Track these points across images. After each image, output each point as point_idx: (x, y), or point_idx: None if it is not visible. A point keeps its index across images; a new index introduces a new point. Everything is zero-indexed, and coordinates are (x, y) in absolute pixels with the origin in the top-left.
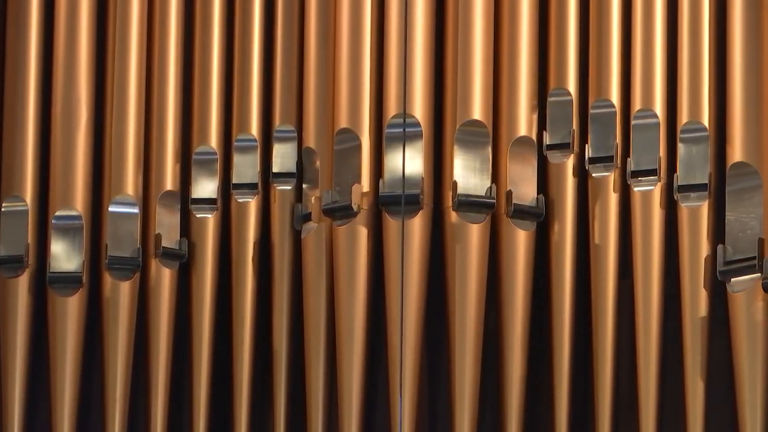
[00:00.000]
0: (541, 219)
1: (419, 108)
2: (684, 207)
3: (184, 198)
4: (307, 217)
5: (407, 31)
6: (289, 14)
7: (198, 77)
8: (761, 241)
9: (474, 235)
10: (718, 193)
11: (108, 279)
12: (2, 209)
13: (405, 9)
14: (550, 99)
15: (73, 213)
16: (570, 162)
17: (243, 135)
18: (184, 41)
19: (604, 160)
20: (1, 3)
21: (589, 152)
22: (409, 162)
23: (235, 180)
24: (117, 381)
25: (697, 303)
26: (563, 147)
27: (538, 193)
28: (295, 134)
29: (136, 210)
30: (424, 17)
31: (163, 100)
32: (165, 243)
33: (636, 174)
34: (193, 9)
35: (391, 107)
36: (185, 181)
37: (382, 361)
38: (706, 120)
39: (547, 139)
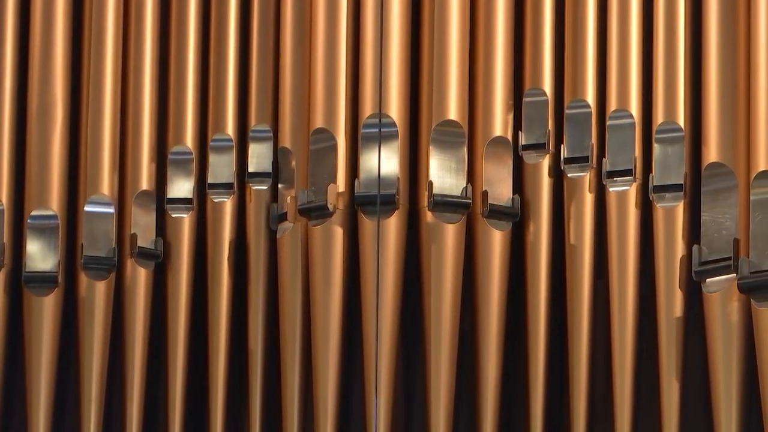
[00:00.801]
0: (517, 219)
1: (395, 108)
2: (659, 207)
3: (159, 198)
4: (282, 217)
5: (383, 31)
6: (264, 14)
7: (174, 77)
8: (736, 242)
9: (449, 235)
10: (693, 193)
11: (84, 279)
12: None
13: (381, 9)
14: (525, 99)
15: (49, 213)
16: (545, 162)
17: (219, 135)
18: (159, 41)
19: (580, 161)
20: None
21: (564, 152)
22: (385, 162)
23: (210, 180)
24: (92, 380)
25: (672, 303)
26: (539, 147)
27: (513, 193)
28: (271, 134)
29: (111, 210)
30: (399, 17)
31: (138, 100)
32: (141, 243)
33: (611, 174)
34: (169, 8)
35: (367, 107)
36: (161, 180)
37: (358, 360)
38: (681, 120)
39: (522, 140)
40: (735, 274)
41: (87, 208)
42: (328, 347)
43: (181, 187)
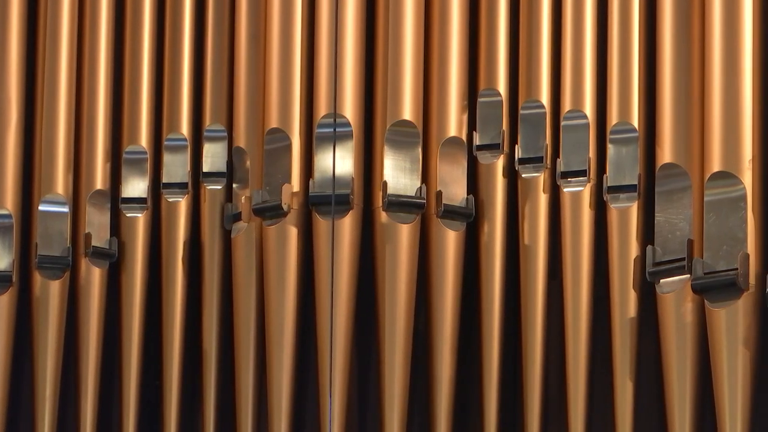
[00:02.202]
0: (471, 219)
1: (349, 108)
2: (613, 208)
3: (114, 197)
4: (237, 217)
5: (338, 31)
6: (219, 14)
7: (128, 76)
8: (690, 242)
9: (404, 235)
10: (647, 194)
11: (38, 278)
12: None
13: (335, 9)
14: (480, 99)
15: (3, 212)
16: (500, 162)
17: (173, 134)
18: (114, 40)
19: (534, 161)
20: None
21: (518, 153)
22: (340, 162)
23: (165, 179)
24: (46, 380)
25: (626, 304)
26: (493, 147)
27: (467, 194)
28: (226, 134)
29: (66, 209)
30: (354, 17)
31: (93, 100)
32: (95, 242)
33: (565, 175)
34: (124, 8)
35: (322, 107)
36: (115, 180)
37: (312, 360)
38: (635, 121)
39: (477, 140)
40: (689, 275)
41: (41, 208)
42: (282, 347)
43: (136, 186)
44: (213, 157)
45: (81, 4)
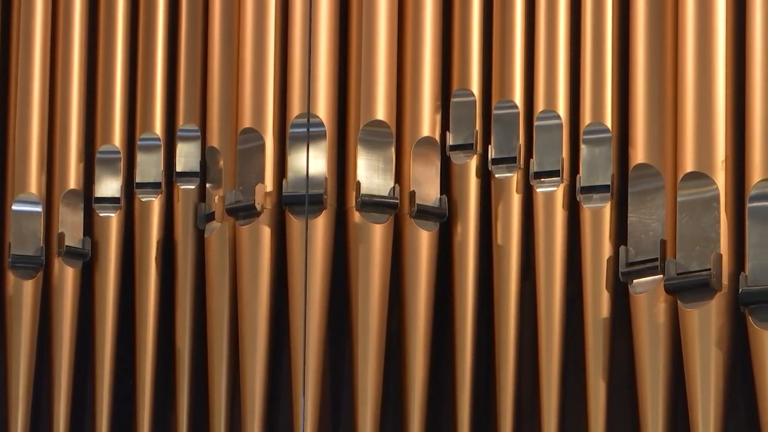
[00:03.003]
0: (444, 219)
1: (323, 108)
2: (586, 208)
3: (87, 197)
4: (210, 217)
5: (311, 32)
6: (193, 14)
7: (102, 76)
8: (663, 243)
9: (377, 235)
10: (620, 194)
11: (11, 278)
12: None
13: (309, 9)
14: (453, 99)
15: None
16: (473, 163)
17: (146, 134)
18: (88, 40)
19: (507, 161)
20: None
21: (492, 153)
22: (313, 162)
23: (138, 179)
24: (20, 380)
25: (599, 304)
26: (466, 148)
27: (441, 194)
28: (199, 134)
29: (39, 209)
30: (327, 17)
31: (66, 99)
32: (68, 242)
33: (539, 175)
34: (97, 8)
35: (295, 107)
36: (88, 179)
37: (285, 360)
38: (608, 121)
39: (450, 140)
40: (662, 275)
41: (14, 207)
42: (256, 347)
43: (109, 186)
44: (186, 156)
45: (54, 4)
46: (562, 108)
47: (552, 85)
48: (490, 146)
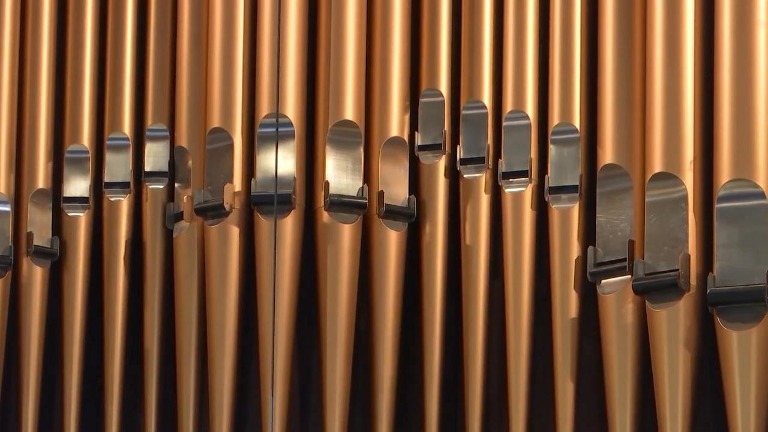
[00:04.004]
0: (413, 219)
1: (292, 108)
2: (555, 208)
3: (56, 196)
4: (178, 216)
5: (280, 32)
6: (161, 14)
7: (70, 76)
8: (631, 243)
9: (346, 235)
10: (588, 194)
11: None
12: None
13: (278, 9)
14: (422, 100)
15: None
16: (441, 163)
17: (115, 134)
18: (56, 40)
19: (476, 161)
20: None
21: (460, 153)
22: (282, 162)
23: (107, 179)
24: None
25: (567, 304)
26: (435, 148)
27: (409, 194)
28: (168, 133)
29: (7, 208)
30: (296, 18)
31: (35, 98)
32: (37, 241)
33: (507, 175)
34: (66, 8)
35: (264, 107)
36: (57, 179)
37: (254, 360)
38: (577, 122)
39: (418, 140)
40: (630, 276)
41: None
42: (224, 346)
43: (78, 185)
44: (155, 156)
45: (23, 3)
46: (530, 108)
47: (520, 85)
48: (458, 146)
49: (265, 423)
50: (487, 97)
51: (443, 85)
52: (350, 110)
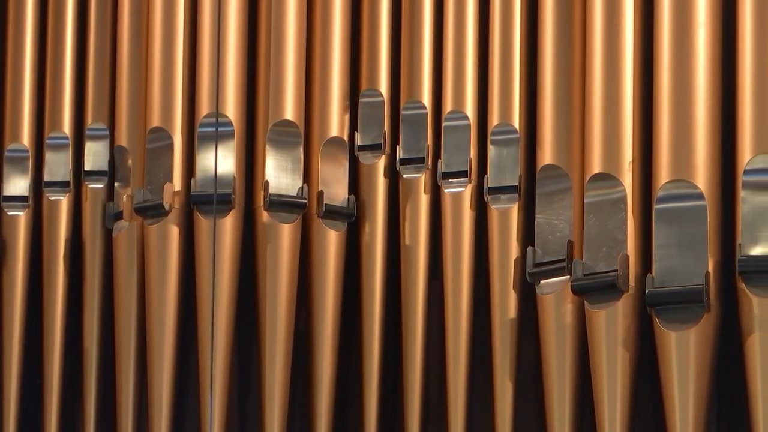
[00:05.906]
0: (352, 219)
1: (232, 107)
2: (494, 209)
3: None
4: (118, 216)
5: (220, 31)
6: (102, 12)
7: (10, 74)
8: (570, 244)
9: (285, 234)
10: (528, 195)
11: None
12: None
13: (218, 8)
14: (361, 100)
15: None
16: (381, 163)
17: (55, 133)
18: None
19: (415, 162)
20: None
21: (400, 153)
22: (221, 161)
23: (46, 178)
24: None
25: (506, 304)
26: (374, 148)
27: (349, 194)
28: (108, 132)
29: None
30: (236, 17)
31: None
32: None
33: (447, 175)
34: (6, 7)
35: (204, 106)
36: None
37: (193, 360)
38: (516, 122)
39: (358, 140)
40: (569, 276)
41: None
42: (163, 346)
43: (17, 184)
44: (95, 155)
45: None
46: (470, 109)
47: (460, 85)
48: (398, 146)
49: (204, 423)
50: (426, 98)
51: (383, 86)
52: (290, 110)
